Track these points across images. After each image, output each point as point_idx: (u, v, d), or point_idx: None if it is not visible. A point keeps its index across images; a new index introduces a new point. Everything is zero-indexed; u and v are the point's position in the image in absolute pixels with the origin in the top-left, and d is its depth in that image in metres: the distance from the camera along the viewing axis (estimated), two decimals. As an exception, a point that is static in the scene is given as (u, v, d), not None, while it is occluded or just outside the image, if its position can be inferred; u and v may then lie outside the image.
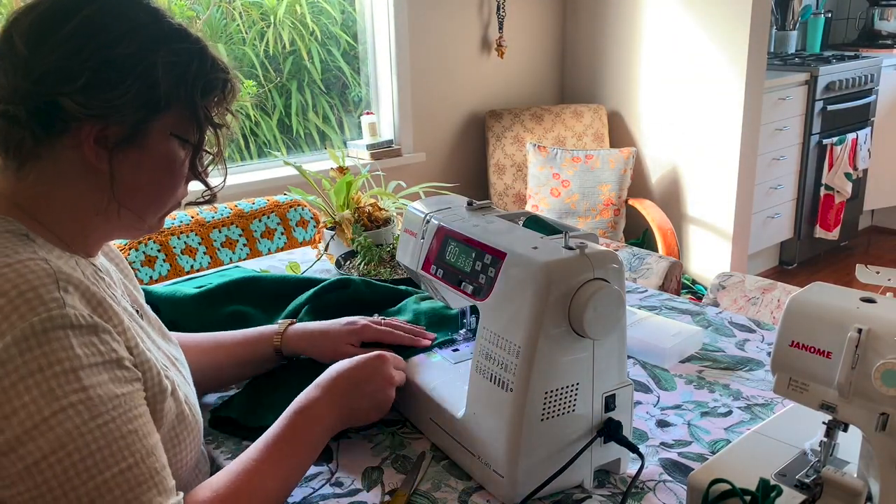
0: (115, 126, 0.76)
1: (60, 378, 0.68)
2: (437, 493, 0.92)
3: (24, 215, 0.77)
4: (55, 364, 0.68)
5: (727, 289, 1.72)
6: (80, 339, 0.70)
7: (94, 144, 0.76)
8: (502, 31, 3.49)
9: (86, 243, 0.83)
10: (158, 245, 1.97)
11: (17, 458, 0.66)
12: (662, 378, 1.17)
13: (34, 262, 0.71)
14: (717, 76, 3.26)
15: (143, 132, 0.78)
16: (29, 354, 0.67)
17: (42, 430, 0.67)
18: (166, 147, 0.81)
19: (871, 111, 4.17)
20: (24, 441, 0.66)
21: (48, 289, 0.69)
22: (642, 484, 0.92)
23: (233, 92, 0.86)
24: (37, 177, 0.77)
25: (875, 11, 4.74)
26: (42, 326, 0.68)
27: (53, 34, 0.74)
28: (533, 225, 1.00)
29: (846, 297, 0.78)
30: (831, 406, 0.76)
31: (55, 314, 0.68)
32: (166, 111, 0.79)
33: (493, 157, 3.46)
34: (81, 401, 0.68)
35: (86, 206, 0.80)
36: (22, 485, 0.66)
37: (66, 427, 0.67)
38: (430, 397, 1.00)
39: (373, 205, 1.69)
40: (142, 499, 0.70)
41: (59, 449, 0.67)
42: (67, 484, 0.67)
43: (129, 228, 0.85)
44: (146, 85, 0.77)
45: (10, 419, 0.66)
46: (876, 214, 4.80)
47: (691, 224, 3.51)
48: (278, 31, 3.08)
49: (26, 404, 0.66)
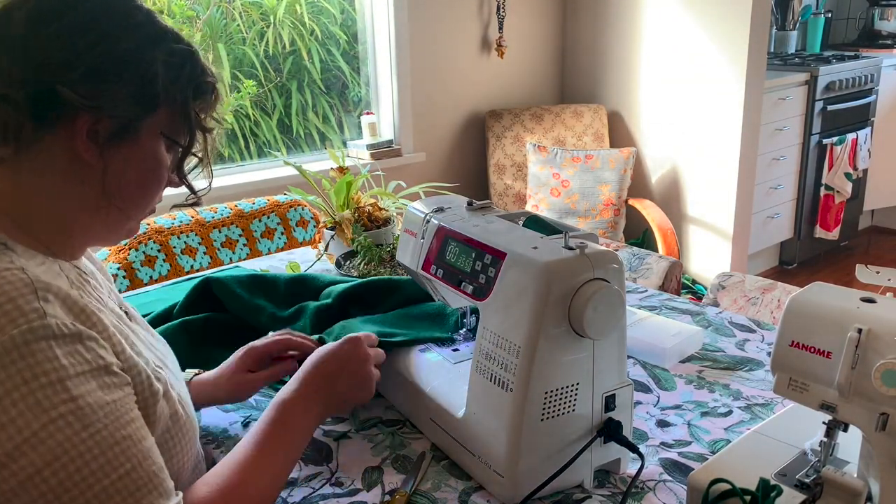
0: (108, 120, 0.76)
1: (47, 389, 0.66)
2: (437, 493, 0.92)
3: (6, 221, 0.76)
4: (40, 376, 0.66)
5: (727, 289, 1.72)
6: (64, 349, 0.68)
7: (86, 138, 0.76)
8: (502, 31, 3.49)
9: (71, 245, 0.82)
10: (158, 245, 1.97)
11: (10, 473, 0.65)
12: (662, 378, 1.17)
13: (10, 272, 0.69)
14: (717, 76, 3.26)
15: (134, 129, 0.78)
16: (12, 368, 0.65)
17: (33, 444, 0.65)
18: (155, 146, 0.81)
19: (871, 111, 4.17)
20: (15, 457, 0.65)
21: (27, 299, 0.68)
22: (642, 484, 0.92)
23: (218, 99, 0.86)
24: (28, 170, 0.76)
25: (875, 11, 4.74)
26: (23, 339, 0.66)
27: (55, 22, 0.74)
28: (533, 225, 1.00)
29: (846, 297, 0.78)
30: (831, 406, 0.76)
31: (36, 325, 0.67)
32: (159, 110, 0.79)
33: (493, 157, 3.46)
34: (71, 411, 0.67)
35: (73, 203, 0.79)
36: (18, 501, 0.65)
37: (58, 438, 0.66)
38: (430, 397, 1.00)
39: (373, 205, 1.69)
40: (142, 503, 0.69)
41: (53, 461, 0.66)
42: (66, 495, 0.66)
43: (113, 230, 0.84)
44: (144, 81, 0.77)
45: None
46: (876, 214, 4.80)
47: (691, 224, 3.51)
48: (278, 31, 3.08)
49: (14, 419, 0.65)
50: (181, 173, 0.85)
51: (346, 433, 1.05)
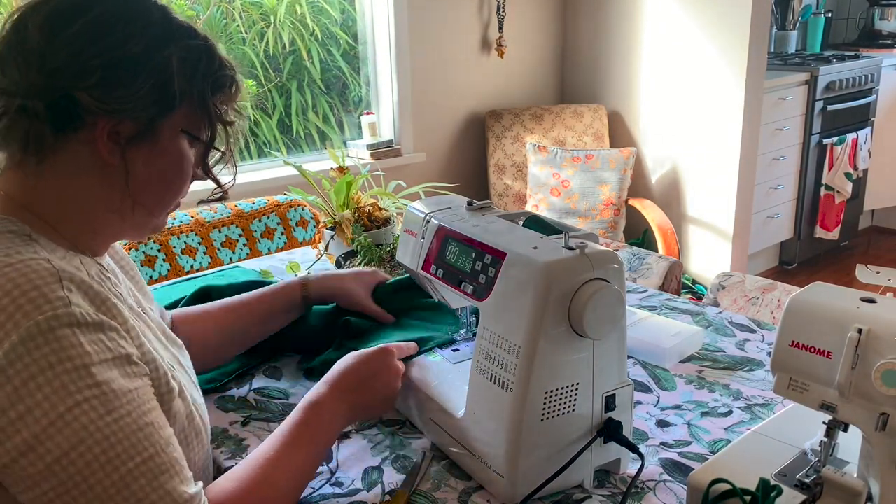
0: (129, 122, 0.77)
1: (72, 374, 0.67)
2: (437, 493, 0.92)
3: (30, 216, 0.77)
4: (65, 361, 0.67)
5: (727, 289, 1.72)
6: (87, 337, 0.69)
7: (108, 140, 0.76)
8: (502, 31, 3.49)
9: (94, 242, 0.83)
10: (158, 245, 1.97)
11: (37, 457, 0.66)
12: (662, 378, 1.17)
13: (36, 261, 0.70)
14: (717, 76, 3.26)
15: (155, 128, 0.79)
16: (37, 353, 0.66)
17: (59, 427, 0.66)
18: (177, 144, 0.82)
19: (871, 111, 4.17)
20: (42, 440, 0.66)
21: (52, 287, 0.69)
22: (642, 484, 0.92)
23: (238, 90, 0.86)
24: (52, 173, 0.78)
25: (875, 11, 4.74)
26: (48, 325, 0.67)
27: (68, 28, 0.75)
28: (533, 225, 1.00)
29: (846, 297, 0.78)
30: (831, 406, 0.76)
31: (61, 313, 0.68)
32: (178, 108, 0.79)
33: (493, 157, 3.46)
34: (95, 396, 0.68)
35: (98, 202, 0.80)
36: (46, 483, 0.66)
37: (83, 422, 0.67)
38: (430, 397, 1.00)
39: (373, 205, 1.68)
40: (166, 486, 0.70)
41: (78, 444, 0.67)
42: (92, 478, 0.67)
43: (139, 227, 0.86)
44: (160, 81, 0.77)
45: (24, 418, 0.66)
46: (876, 214, 4.79)
47: (691, 224, 3.51)
48: (278, 31, 3.08)
49: (40, 402, 0.66)
50: (206, 168, 0.86)
51: (347, 433, 1.05)
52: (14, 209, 0.77)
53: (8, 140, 0.76)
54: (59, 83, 0.74)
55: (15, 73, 0.75)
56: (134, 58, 0.76)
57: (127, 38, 0.76)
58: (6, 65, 0.75)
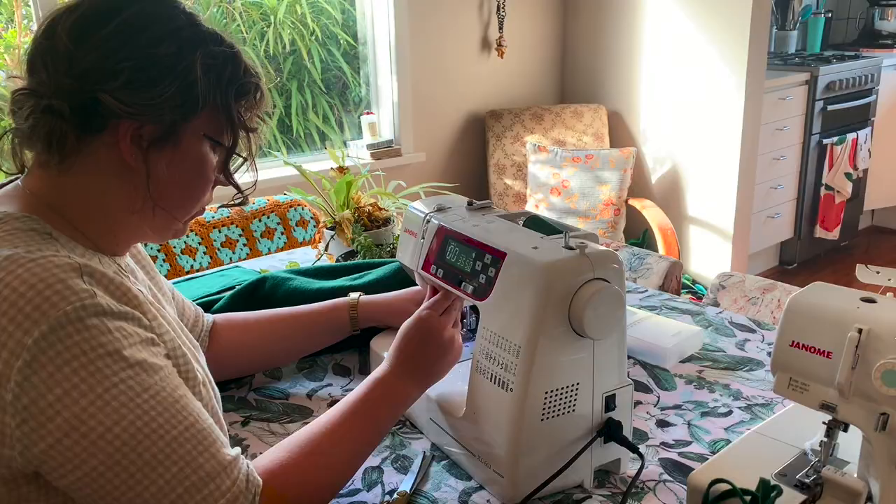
0: (152, 125, 0.78)
1: (106, 359, 0.69)
2: (437, 493, 0.92)
3: (53, 215, 0.79)
4: (98, 347, 0.69)
5: (727, 289, 1.72)
6: (115, 324, 0.71)
7: (130, 143, 0.77)
8: (502, 31, 3.49)
9: (115, 242, 0.84)
10: (158, 245, 1.97)
11: (81, 435, 0.67)
12: (662, 378, 1.17)
13: (58, 257, 0.72)
14: (717, 76, 3.26)
15: (177, 133, 0.80)
16: (69, 340, 0.68)
17: (100, 406, 0.68)
18: (199, 149, 0.82)
19: (871, 111, 4.17)
20: (83, 419, 0.67)
21: (76, 281, 0.70)
22: (642, 484, 0.92)
23: (263, 97, 0.87)
24: (74, 173, 0.79)
25: (875, 11, 4.74)
26: (76, 315, 0.69)
27: (96, 32, 0.76)
28: (533, 225, 1.00)
29: (846, 297, 0.78)
30: (831, 406, 0.76)
31: (88, 303, 0.70)
32: (201, 112, 0.80)
33: (493, 157, 3.46)
34: (130, 377, 0.70)
35: (119, 204, 0.81)
36: (94, 459, 0.68)
37: (122, 400, 0.69)
38: (430, 397, 1.00)
39: (373, 205, 1.68)
40: (211, 450, 0.72)
41: (121, 420, 0.68)
42: (140, 446, 0.69)
43: (160, 230, 0.87)
44: (184, 85, 0.78)
45: (62, 400, 0.67)
46: (876, 214, 4.79)
47: (691, 224, 3.51)
48: (278, 31, 3.08)
49: (77, 385, 0.68)
50: (227, 173, 0.87)
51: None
52: (38, 207, 0.79)
53: (33, 139, 0.77)
54: (85, 85, 0.75)
55: (43, 75, 0.76)
56: (159, 62, 0.77)
57: (153, 42, 0.77)
58: (35, 67, 0.77)
